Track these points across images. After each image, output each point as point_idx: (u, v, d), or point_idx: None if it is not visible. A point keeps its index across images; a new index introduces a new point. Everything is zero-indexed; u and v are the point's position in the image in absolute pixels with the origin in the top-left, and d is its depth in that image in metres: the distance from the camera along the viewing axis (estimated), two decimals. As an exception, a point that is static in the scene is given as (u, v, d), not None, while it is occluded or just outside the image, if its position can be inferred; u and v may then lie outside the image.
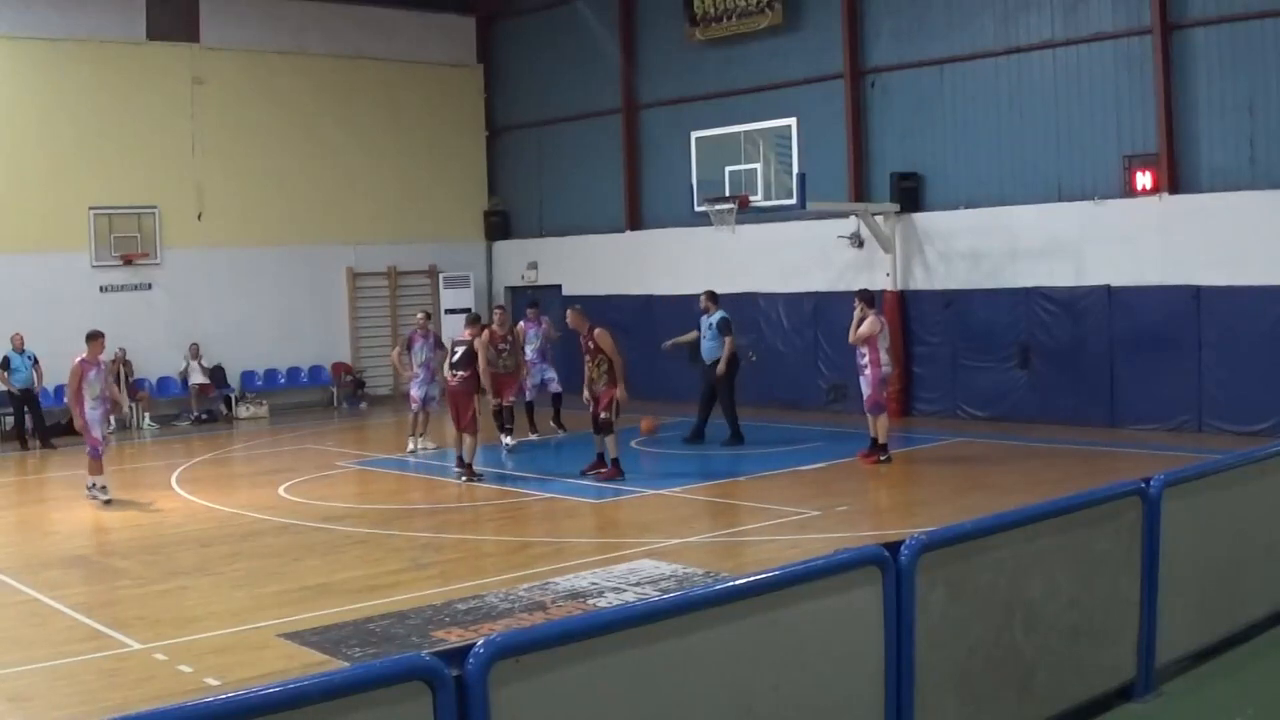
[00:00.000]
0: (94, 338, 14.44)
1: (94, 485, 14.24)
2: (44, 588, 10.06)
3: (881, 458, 14.83)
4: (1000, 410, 18.36)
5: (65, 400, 15.87)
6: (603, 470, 14.26)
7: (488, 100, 26.89)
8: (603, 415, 14.05)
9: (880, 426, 14.86)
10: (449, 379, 15.14)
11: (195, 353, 22.79)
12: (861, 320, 14.78)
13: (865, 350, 14.77)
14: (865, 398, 14.92)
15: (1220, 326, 16.21)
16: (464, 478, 14.62)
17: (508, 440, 17.07)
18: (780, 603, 4.46)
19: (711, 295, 17.33)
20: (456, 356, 15.05)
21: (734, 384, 17.05)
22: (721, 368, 16.75)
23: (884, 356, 14.91)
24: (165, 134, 22.82)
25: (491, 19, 26.77)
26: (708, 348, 17.01)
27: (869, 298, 15.17)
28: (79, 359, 14.29)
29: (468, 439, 14.71)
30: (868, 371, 14.78)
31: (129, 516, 13.44)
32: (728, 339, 16.79)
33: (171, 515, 13.34)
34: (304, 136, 24.35)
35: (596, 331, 14.18)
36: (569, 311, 15.11)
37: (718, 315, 16.95)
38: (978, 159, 19.01)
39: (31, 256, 21.29)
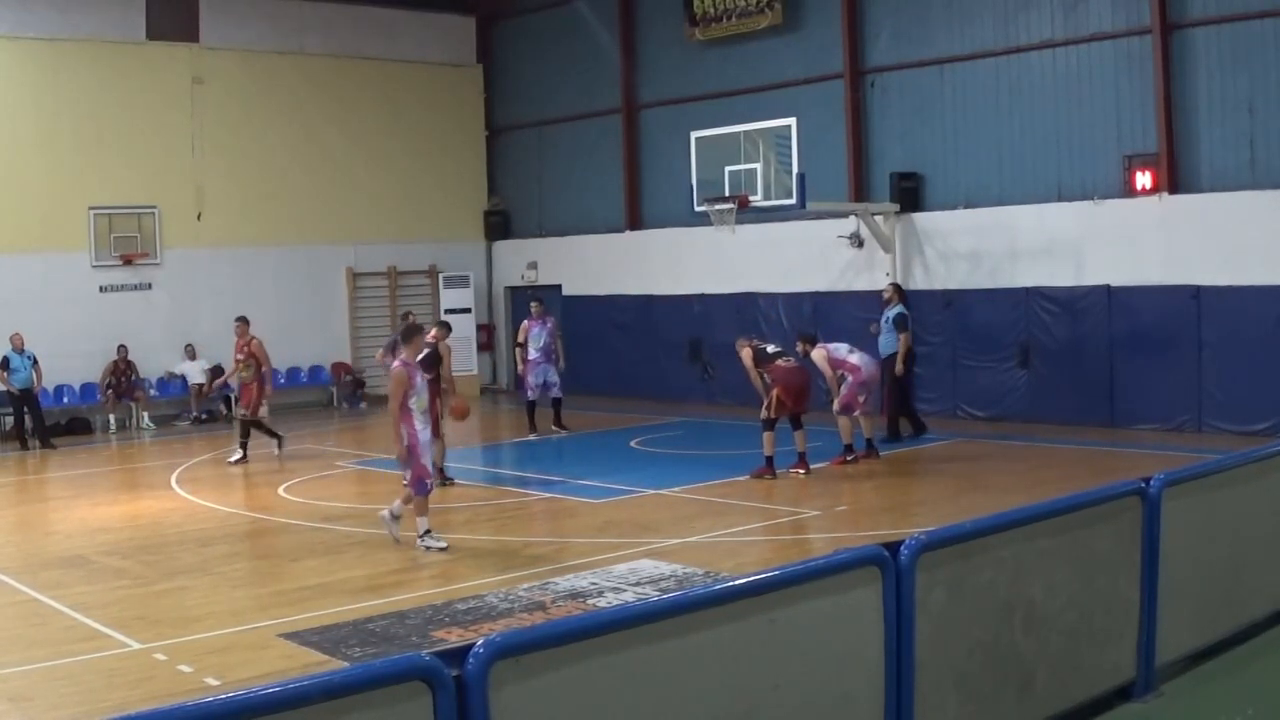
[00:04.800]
0: (414, 333, 11.10)
1: (426, 532, 10.91)
2: (44, 588, 10.06)
3: (848, 458, 14.79)
4: (1000, 410, 18.35)
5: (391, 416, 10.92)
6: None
7: (488, 100, 26.88)
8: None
9: (845, 428, 14.82)
10: None
11: (191, 353, 22.81)
12: (807, 354, 14.84)
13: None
14: (839, 397, 14.91)
15: (1220, 326, 16.20)
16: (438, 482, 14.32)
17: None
18: (780, 603, 4.47)
19: (896, 287, 17.03)
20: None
21: (909, 380, 16.70)
22: (898, 365, 16.36)
23: (856, 359, 14.89)
24: (165, 134, 22.82)
25: (491, 19, 26.76)
26: (883, 342, 16.64)
27: (810, 338, 15.18)
28: (398, 361, 10.83)
29: (436, 442, 14.51)
30: (848, 378, 14.82)
31: (129, 516, 13.44)
32: (904, 335, 16.46)
33: (171, 515, 13.33)
34: (304, 136, 24.35)
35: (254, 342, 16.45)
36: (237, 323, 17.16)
37: (896, 310, 16.67)
38: (977, 159, 19.00)
39: (31, 256, 21.29)
